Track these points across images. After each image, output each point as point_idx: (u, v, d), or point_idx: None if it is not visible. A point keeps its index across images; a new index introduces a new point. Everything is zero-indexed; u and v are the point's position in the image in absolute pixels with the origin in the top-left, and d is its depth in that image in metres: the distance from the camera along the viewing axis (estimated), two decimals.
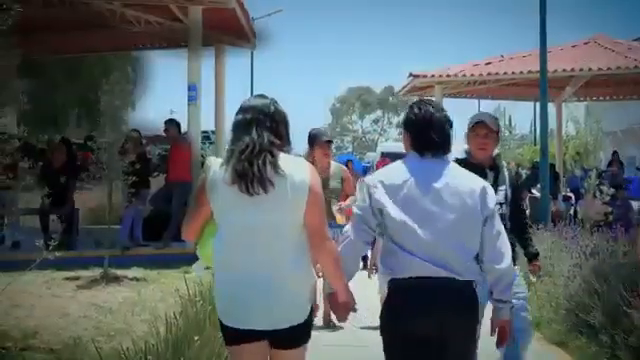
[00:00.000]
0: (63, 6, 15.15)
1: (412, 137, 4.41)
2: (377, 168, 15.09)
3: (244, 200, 4.11)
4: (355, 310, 4.59)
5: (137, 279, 11.44)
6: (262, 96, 4.42)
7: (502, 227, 4.39)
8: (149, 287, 10.96)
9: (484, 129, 5.88)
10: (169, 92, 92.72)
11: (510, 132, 34.16)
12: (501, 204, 5.71)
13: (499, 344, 4.53)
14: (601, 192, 15.58)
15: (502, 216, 5.24)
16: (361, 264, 6.46)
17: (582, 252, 9.08)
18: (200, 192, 4.32)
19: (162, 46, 19.52)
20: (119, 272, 11.42)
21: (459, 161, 4.88)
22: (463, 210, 4.23)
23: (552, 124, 26.82)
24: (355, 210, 4.40)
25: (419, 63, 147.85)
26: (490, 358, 5.41)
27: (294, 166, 4.19)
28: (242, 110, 4.34)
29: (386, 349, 4.37)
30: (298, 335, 4.29)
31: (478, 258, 4.31)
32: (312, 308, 4.35)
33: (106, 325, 8.49)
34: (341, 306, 4.40)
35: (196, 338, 6.59)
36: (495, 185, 5.60)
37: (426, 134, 4.35)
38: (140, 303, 9.71)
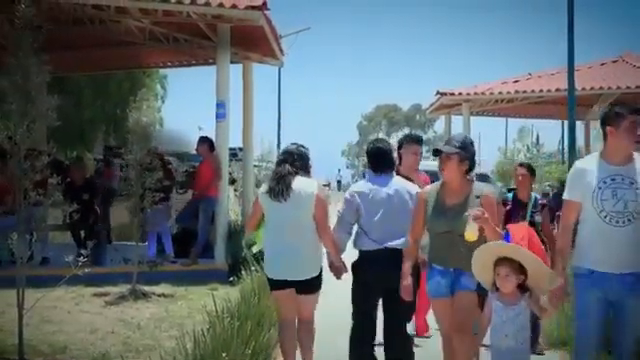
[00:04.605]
0: (93, 24, 15.30)
1: (372, 162, 6.93)
2: None
3: (275, 204, 6.79)
4: (346, 270, 6.92)
5: (165, 295, 11.49)
6: (294, 143, 7.14)
7: None
8: (177, 303, 11.00)
9: None
10: (197, 108, 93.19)
11: (538, 150, 33.97)
12: None
13: (404, 291, 6.38)
14: None
15: None
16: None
17: None
18: (256, 200, 7.17)
19: (190, 63, 19.63)
20: (147, 288, 11.47)
21: None
22: (403, 206, 6.64)
23: (580, 142, 26.66)
24: (338, 215, 6.87)
25: (446, 81, 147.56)
26: None
27: (306, 184, 6.84)
28: (283, 152, 7.20)
29: (353, 291, 6.89)
30: (313, 284, 6.90)
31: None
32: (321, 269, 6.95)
33: (134, 341, 8.55)
34: (336, 268, 6.93)
35: (224, 354, 6.62)
36: None
37: (381, 160, 6.89)
38: (168, 319, 9.77)
